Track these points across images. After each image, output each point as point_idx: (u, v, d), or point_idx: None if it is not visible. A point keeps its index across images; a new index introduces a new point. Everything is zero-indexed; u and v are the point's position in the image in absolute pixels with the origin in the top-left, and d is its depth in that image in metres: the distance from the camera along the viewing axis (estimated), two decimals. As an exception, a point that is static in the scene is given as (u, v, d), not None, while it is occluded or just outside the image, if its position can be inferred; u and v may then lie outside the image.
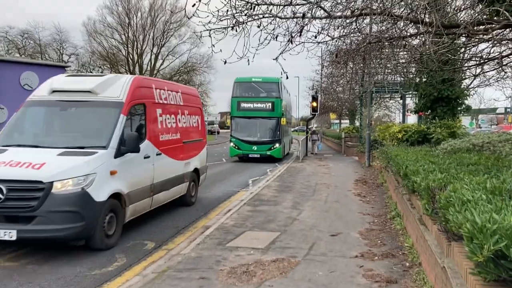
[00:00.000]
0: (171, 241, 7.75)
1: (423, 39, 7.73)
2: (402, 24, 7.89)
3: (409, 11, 6.94)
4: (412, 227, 6.80)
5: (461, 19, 7.85)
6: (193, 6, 7.20)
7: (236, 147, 24.49)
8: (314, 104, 26.17)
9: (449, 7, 8.90)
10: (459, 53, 10.58)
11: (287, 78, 7.08)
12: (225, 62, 10.20)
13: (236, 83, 25.34)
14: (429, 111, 17.37)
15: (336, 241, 7.41)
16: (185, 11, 6.52)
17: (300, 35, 6.52)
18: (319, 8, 6.72)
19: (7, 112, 35.14)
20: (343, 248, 6.94)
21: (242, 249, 6.90)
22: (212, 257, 6.48)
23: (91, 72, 69.21)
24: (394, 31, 7.90)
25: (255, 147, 24.15)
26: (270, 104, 24.56)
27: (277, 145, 24.27)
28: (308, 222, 8.81)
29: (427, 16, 7.07)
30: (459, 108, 17.18)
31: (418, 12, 6.63)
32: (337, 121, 58.63)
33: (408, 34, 8.33)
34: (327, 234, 7.84)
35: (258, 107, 24.64)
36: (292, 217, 9.33)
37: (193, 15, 6.74)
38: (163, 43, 67.67)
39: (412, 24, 7.86)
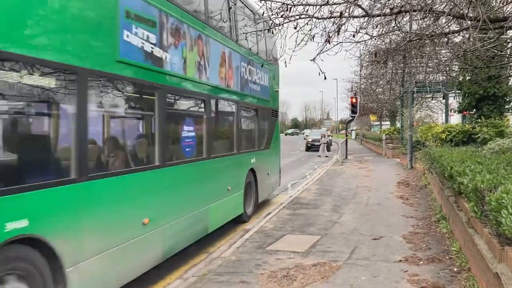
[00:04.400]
0: (211, 244, 7.78)
1: (467, 35, 7.44)
2: (444, 20, 7.63)
3: (451, 6, 6.69)
4: (459, 231, 6.52)
5: (508, 12, 7.50)
6: (229, 9, 7.24)
7: None
8: (354, 100, 25.10)
9: (494, 0, 8.54)
10: (506, 48, 10.14)
11: (325, 78, 6.90)
12: (262, 65, 10.21)
13: None
14: (474, 110, 16.78)
15: (378, 244, 7.20)
16: (220, 15, 6.54)
17: (338, 34, 6.40)
18: (357, 7, 6.59)
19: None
20: (386, 252, 6.73)
21: (282, 252, 6.83)
22: (252, 260, 6.44)
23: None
24: (435, 27, 7.64)
25: None
26: None
27: None
28: (349, 226, 8.63)
29: (470, 10, 6.80)
30: (506, 106, 16.51)
31: (461, 7, 6.38)
32: (377, 122, 57.50)
33: (451, 30, 8.04)
34: (369, 238, 7.64)
35: None
36: (333, 220, 9.17)
37: (229, 18, 6.77)
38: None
39: (454, 19, 7.59)
